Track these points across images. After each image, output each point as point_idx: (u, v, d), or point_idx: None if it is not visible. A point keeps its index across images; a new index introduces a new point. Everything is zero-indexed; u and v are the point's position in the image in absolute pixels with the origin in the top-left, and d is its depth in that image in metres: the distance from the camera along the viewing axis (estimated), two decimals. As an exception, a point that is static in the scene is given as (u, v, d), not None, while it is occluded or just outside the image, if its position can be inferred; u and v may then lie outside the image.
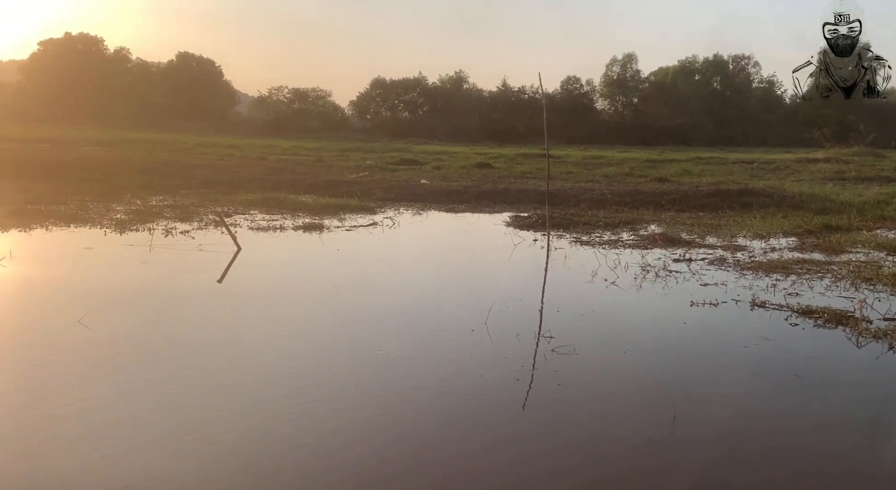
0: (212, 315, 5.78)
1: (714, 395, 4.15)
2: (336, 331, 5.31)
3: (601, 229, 11.04)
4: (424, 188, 16.09)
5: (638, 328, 5.38)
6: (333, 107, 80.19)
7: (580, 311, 5.92)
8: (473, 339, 4.94)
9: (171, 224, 10.06)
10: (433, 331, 5.23)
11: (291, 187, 15.76)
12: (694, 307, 6.00)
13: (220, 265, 7.62)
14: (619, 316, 5.74)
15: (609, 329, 5.36)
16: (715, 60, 77.52)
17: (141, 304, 6.04)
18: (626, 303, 6.21)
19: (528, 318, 5.58)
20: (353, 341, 5.00)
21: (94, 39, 77.98)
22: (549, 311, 5.80)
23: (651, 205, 14.29)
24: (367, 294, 6.48)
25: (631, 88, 77.69)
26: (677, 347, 4.95)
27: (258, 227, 10.07)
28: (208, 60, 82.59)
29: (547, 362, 4.46)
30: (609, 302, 6.23)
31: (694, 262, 8.23)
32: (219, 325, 5.44)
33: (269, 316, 5.66)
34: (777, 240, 10.15)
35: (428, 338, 5.03)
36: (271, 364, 4.48)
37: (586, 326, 5.44)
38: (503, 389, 4.02)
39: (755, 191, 15.29)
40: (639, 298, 6.40)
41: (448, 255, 8.79)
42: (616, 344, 4.93)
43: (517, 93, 76.69)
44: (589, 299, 6.31)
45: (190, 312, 5.87)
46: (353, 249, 8.82)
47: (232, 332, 5.20)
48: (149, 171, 16.96)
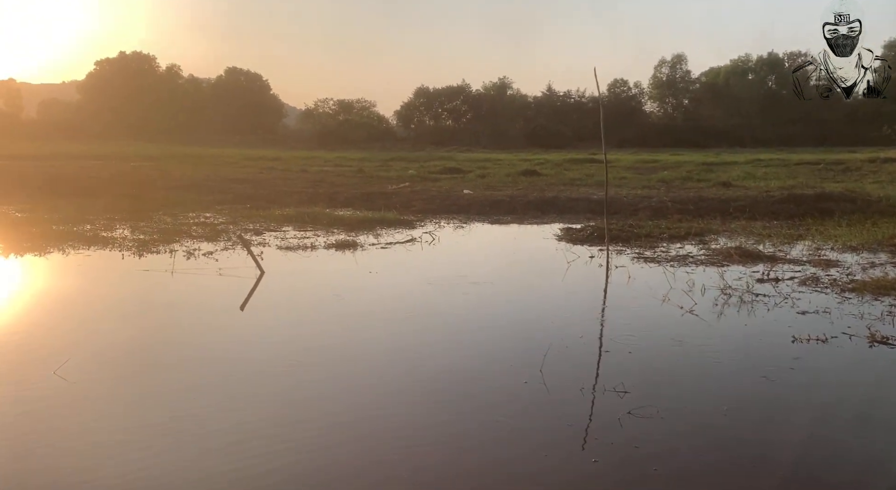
0: (230, 347, 4.96)
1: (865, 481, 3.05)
2: (356, 387, 4.39)
3: (665, 242, 9.88)
4: (467, 198, 15.16)
5: (732, 375, 4.29)
6: (378, 117, 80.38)
7: (654, 349, 4.86)
8: (527, 396, 3.95)
9: (196, 245, 9.38)
10: (475, 384, 4.26)
11: (328, 201, 15.07)
12: (798, 344, 4.86)
13: (243, 291, 6.85)
14: (704, 357, 4.66)
15: (695, 376, 4.29)
16: (769, 59, 74.64)
17: (149, 339, 5.28)
18: (710, 338, 5.12)
19: (591, 363, 4.56)
20: (375, 405, 4.07)
21: (146, 57, 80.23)
22: (616, 350, 4.77)
23: (717, 213, 13.02)
24: (396, 332, 5.56)
25: (681, 89, 75.36)
26: (791, 404, 3.85)
27: (288, 247, 9.29)
28: (255, 74, 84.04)
29: (624, 431, 3.44)
30: (689, 337, 5.14)
31: (781, 282, 7.05)
32: (236, 359, 4.61)
33: (290, 351, 4.81)
34: (872, 253, 8.82)
35: (468, 396, 4.05)
36: (282, 426, 3.60)
37: (665, 373, 4.38)
38: (569, 484, 3.02)
39: (834, 195, 13.82)
40: (725, 331, 5.30)
41: (493, 277, 7.79)
42: (709, 400, 3.87)
43: (562, 97, 75.29)
44: (663, 334, 5.24)
45: (208, 342, 5.07)
46: (387, 272, 7.93)
47: (248, 370, 4.36)
48: (185, 186, 16.54)
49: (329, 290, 7.00)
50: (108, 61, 78.88)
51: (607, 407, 3.76)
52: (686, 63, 75.91)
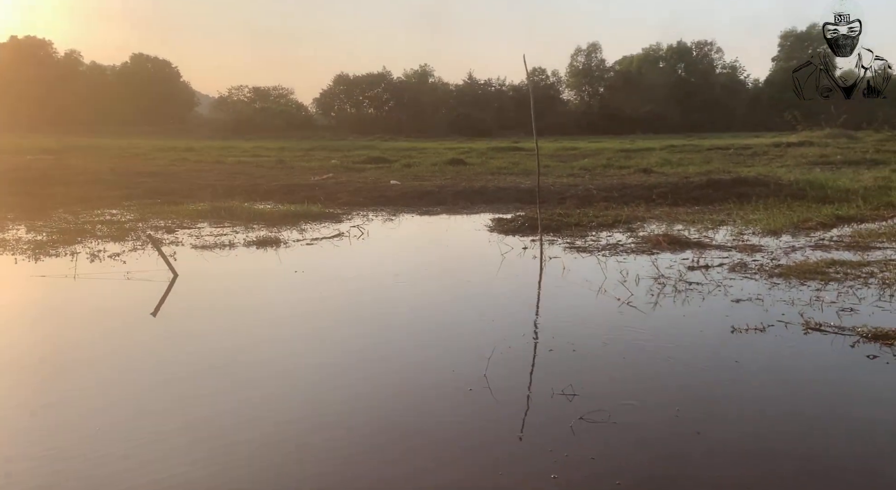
0: (141, 357, 4.44)
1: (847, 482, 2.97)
2: (275, 400, 4.01)
3: (595, 231, 9.89)
4: (395, 190, 14.79)
5: (679, 371, 4.19)
6: (296, 105, 78.24)
7: (597, 346, 4.71)
8: (473, 405, 3.69)
9: (101, 245, 8.60)
10: (414, 396, 3.97)
11: (247, 194, 14.31)
12: (738, 334, 4.84)
13: (154, 295, 6.27)
14: (647, 353, 4.55)
15: (641, 375, 4.15)
16: (678, 47, 77.50)
17: (48, 347, 4.67)
18: (651, 331, 5.02)
19: (537, 364, 4.36)
20: (293, 424, 3.72)
21: (41, 42, 74.92)
22: (559, 348, 4.59)
23: (641, 199, 13.23)
24: (328, 333, 5.19)
25: (597, 78, 77.20)
26: (742, 401, 3.77)
27: (203, 245, 8.66)
28: (164, 61, 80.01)
29: (578, 440, 3.24)
30: (630, 330, 5.04)
31: (712, 268, 7.12)
32: (147, 370, 4.11)
33: (206, 360, 4.35)
34: (791, 236, 9.12)
35: (406, 410, 3.75)
36: (197, 440, 3.19)
37: (610, 371, 4.23)
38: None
39: (749, 180, 14.34)
40: (665, 323, 5.23)
41: (427, 272, 7.52)
42: (660, 401, 3.73)
43: (483, 86, 75.63)
44: (604, 328, 5.12)
45: (115, 351, 4.52)
46: (314, 270, 7.50)
47: (159, 381, 3.88)
48: (88, 181, 15.33)
49: (250, 293, 6.51)
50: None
51: (558, 412, 3.55)
52: (601, 52, 77.88)
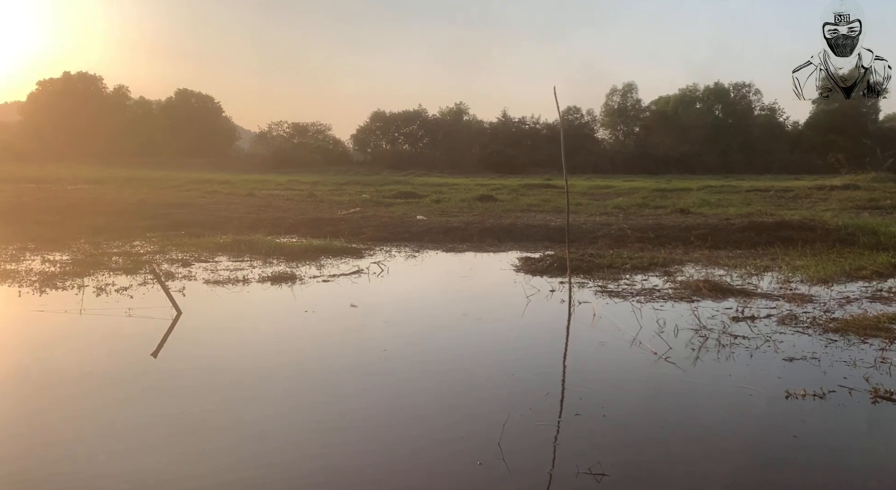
0: (136, 402, 4.02)
1: None
2: (269, 462, 3.53)
3: (629, 273, 9.29)
4: (420, 225, 14.40)
5: (727, 448, 3.58)
6: (334, 141, 79.41)
7: (630, 411, 4.13)
8: (482, 483, 3.14)
9: (111, 278, 8.32)
10: (417, 467, 3.44)
11: (272, 227, 14.08)
12: (793, 401, 4.21)
13: (157, 334, 5.91)
14: (690, 423, 3.95)
15: (684, 451, 3.55)
16: (716, 88, 76.84)
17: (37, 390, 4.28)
18: (692, 394, 4.42)
19: (560, 431, 3.80)
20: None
21: (92, 78, 77.69)
22: (587, 413, 4.02)
23: (678, 241, 12.58)
24: (324, 392, 4.70)
25: (632, 118, 76.82)
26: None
27: (216, 280, 8.32)
28: (207, 96, 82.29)
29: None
30: (668, 393, 4.44)
31: (758, 320, 6.47)
32: (142, 416, 3.68)
33: (202, 407, 3.90)
34: (844, 285, 8.39)
35: (405, 485, 3.23)
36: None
37: (647, 446, 3.64)
38: None
39: (794, 223, 13.56)
40: (708, 385, 4.61)
41: (444, 316, 7.00)
42: (707, 487, 3.13)
43: (517, 123, 75.80)
44: (638, 389, 4.53)
45: (107, 394, 4.11)
46: (326, 311, 7.04)
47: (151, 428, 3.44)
48: (117, 211, 15.31)
49: (253, 335, 6.07)
50: (51, 81, 76.02)
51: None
52: (636, 92, 77.61)
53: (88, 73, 77.87)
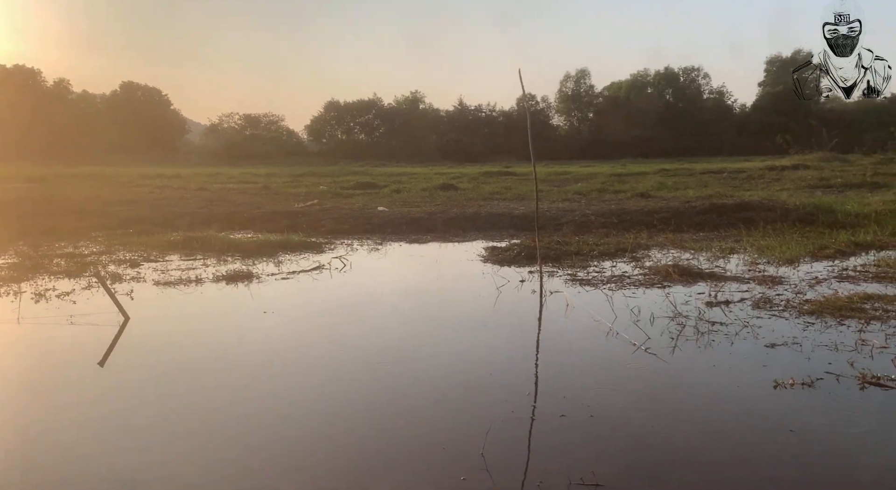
0: (77, 415, 3.60)
1: None
2: (224, 476, 3.18)
3: (597, 260, 9.14)
4: (382, 216, 14.02)
5: (723, 446, 3.37)
6: (287, 132, 77.92)
7: (618, 410, 3.90)
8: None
9: (52, 283, 7.75)
10: (395, 485, 3.14)
11: (226, 222, 13.52)
12: (783, 392, 4.05)
13: (103, 342, 5.46)
14: (680, 418, 3.74)
15: (680, 452, 3.33)
16: (666, 73, 77.88)
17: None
18: (678, 388, 4.23)
19: (546, 436, 3.55)
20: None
21: (30, 71, 74.37)
22: (573, 414, 3.78)
23: (642, 225, 12.52)
24: (288, 397, 4.36)
25: (586, 103, 77.31)
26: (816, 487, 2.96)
27: (167, 281, 7.82)
28: (154, 89, 79.76)
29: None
30: (653, 388, 4.24)
31: (733, 304, 6.36)
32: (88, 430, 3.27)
33: (152, 418, 3.52)
34: (810, 265, 8.40)
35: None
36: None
37: (640, 448, 3.41)
38: None
39: (754, 204, 13.66)
40: (692, 376, 4.43)
41: (413, 313, 6.68)
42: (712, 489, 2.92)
43: (474, 111, 75.53)
44: (622, 384, 4.32)
45: (51, 407, 3.68)
46: (286, 310, 6.65)
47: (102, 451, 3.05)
48: (58, 211, 14.48)
49: (207, 340, 5.65)
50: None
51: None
52: (589, 77, 78.12)
53: (25, 67, 74.51)
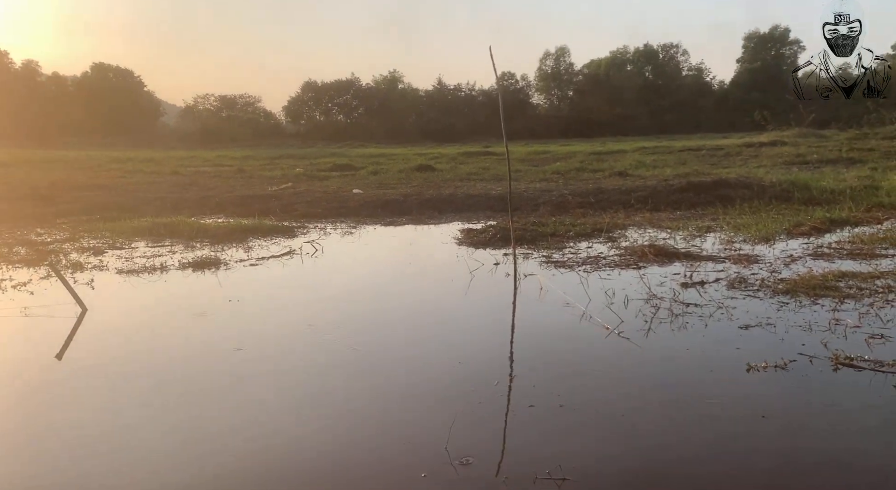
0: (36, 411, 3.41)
1: None
2: (180, 471, 3.02)
3: (573, 241, 9.03)
4: (357, 199, 13.79)
5: (693, 436, 3.27)
6: (265, 113, 76.76)
7: (587, 398, 3.79)
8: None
9: (8, 273, 7.47)
10: (353, 481, 3.00)
11: (197, 207, 13.21)
12: (755, 375, 3.97)
13: (61, 334, 5.24)
14: (651, 406, 3.64)
15: (649, 442, 3.23)
16: (645, 50, 77.80)
17: None
18: (650, 373, 4.13)
19: (514, 428, 3.42)
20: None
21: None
22: (542, 404, 3.66)
23: (619, 205, 12.45)
24: (248, 389, 4.20)
25: (565, 82, 77.02)
26: (785, 481, 2.86)
27: (130, 269, 7.57)
28: (126, 70, 78.01)
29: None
30: (625, 372, 4.14)
31: (708, 285, 6.28)
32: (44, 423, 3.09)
33: (110, 417, 3.34)
34: (785, 243, 8.36)
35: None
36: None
37: (609, 439, 3.30)
38: None
39: (731, 182, 13.64)
40: (665, 361, 4.33)
41: (383, 299, 6.53)
42: (679, 486, 2.82)
43: (453, 91, 74.97)
44: (593, 371, 4.21)
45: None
46: (254, 298, 6.46)
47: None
48: (24, 196, 14.05)
49: (168, 331, 5.45)
50: (-50, 57, 70.35)
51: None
52: (569, 55, 77.78)
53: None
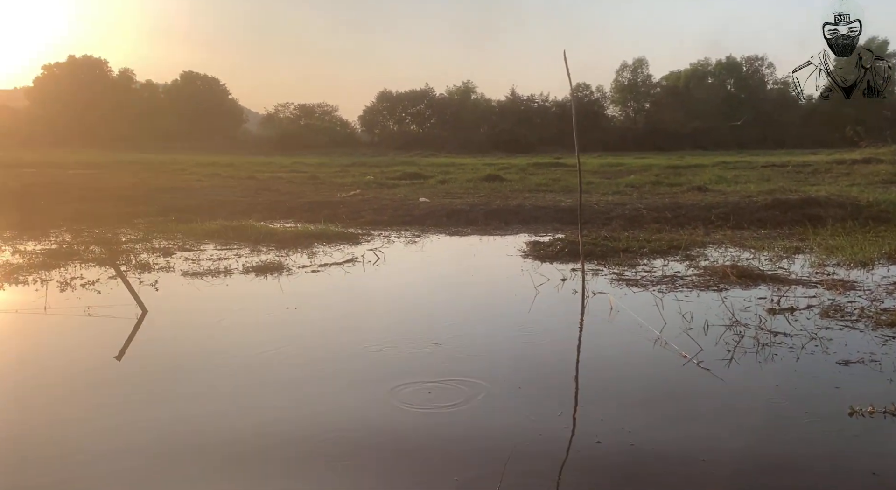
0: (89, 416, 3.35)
1: None
2: None
3: (647, 258, 8.52)
4: (423, 208, 13.64)
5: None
6: (340, 122, 78.55)
7: (664, 440, 3.39)
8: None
9: (82, 271, 7.66)
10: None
11: (267, 211, 13.39)
12: (860, 421, 3.46)
13: (120, 335, 5.25)
14: (740, 451, 3.20)
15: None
16: (728, 63, 75.12)
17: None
18: (737, 413, 3.68)
19: (576, 469, 3.07)
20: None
21: (97, 62, 77.21)
22: (609, 440, 3.29)
23: (698, 221, 11.77)
24: (301, 396, 4.01)
25: (643, 94, 75.23)
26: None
27: (196, 272, 7.62)
28: (213, 79, 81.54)
29: None
30: (707, 412, 3.71)
31: (798, 312, 5.71)
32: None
33: (164, 424, 3.22)
34: (886, 269, 7.59)
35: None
36: None
37: (687, 487, 2.90)
38: None
39: (821, 200, 12.68)
40: (754, 399, 3.86)
41: (444, 315, 6.25)
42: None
43: (526, 101, 74.45)
44: (669, 406, 3.80)
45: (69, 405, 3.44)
46: (312, 306, 6.32)
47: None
48: (104, 197, 14.65)
49: (222, 337, 5.35)
50: (56, 66, 75.62)
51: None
52: (647, 67, 75.99)
53: (93, 57, 77.37)
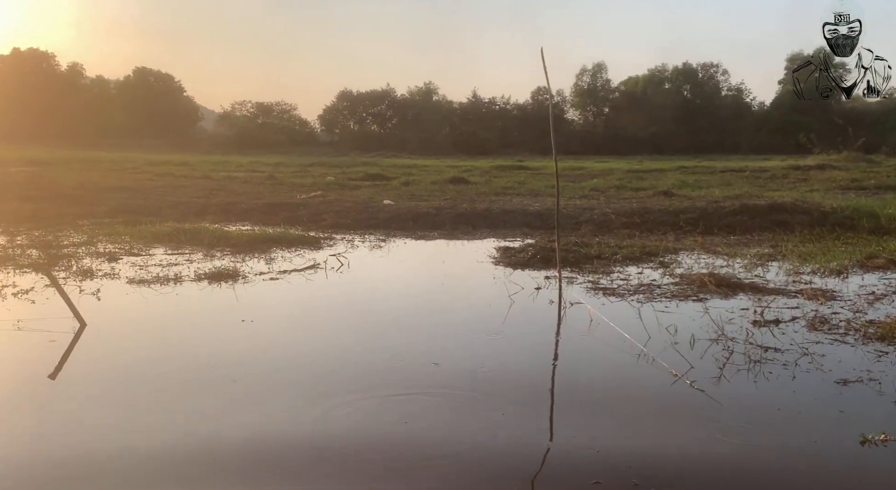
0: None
1: None
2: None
3: (621, 265, 8.26)
4: (388, 211, 13.19)
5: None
6: (300, 121, 77.30)
7: (665, 478, 3.06)
8: None
9: (13, 279, 6.98)
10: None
11: (222, 213, 12.75)
12: (873, 449, 3.19)
13: (59, 350, 4.70)
14: (743, 484, 2.89)
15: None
16: (684, 69, 76.55)
17: None
18: (733, 434, 3.37)
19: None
20: None
21: (44, 55, 74.63)
22: (611, 480, 2.94)
23: (667, 226, 11.62)
24: (259, 415, 3.55)
25: (601, 98, 76.07)
26: None
27: (143, 279, 7.03)
28: (167, 75, 79.62)
29: None
30: (699, 434, 3.39)
31: (784, 324, 5.48)
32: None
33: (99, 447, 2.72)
34: (860, 277, 7.49)
35: None
36: None
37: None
38: None
39: (787, 206, 12.68)
40: (755, 424, 3.56)
41: (411, 328, 5.85)
42: None
43: (488, 104, 74.46)
44: (658, 429, 3.47)
45: None
46: (269, 318, 5.83)
47: None
48: (47, 196, 13.78)
49: (168, 354, 4.84)
50: (0, 59, 72.40)
51: None
52: (606, 72, 76.87)
53: (39, 50, 74.52)
